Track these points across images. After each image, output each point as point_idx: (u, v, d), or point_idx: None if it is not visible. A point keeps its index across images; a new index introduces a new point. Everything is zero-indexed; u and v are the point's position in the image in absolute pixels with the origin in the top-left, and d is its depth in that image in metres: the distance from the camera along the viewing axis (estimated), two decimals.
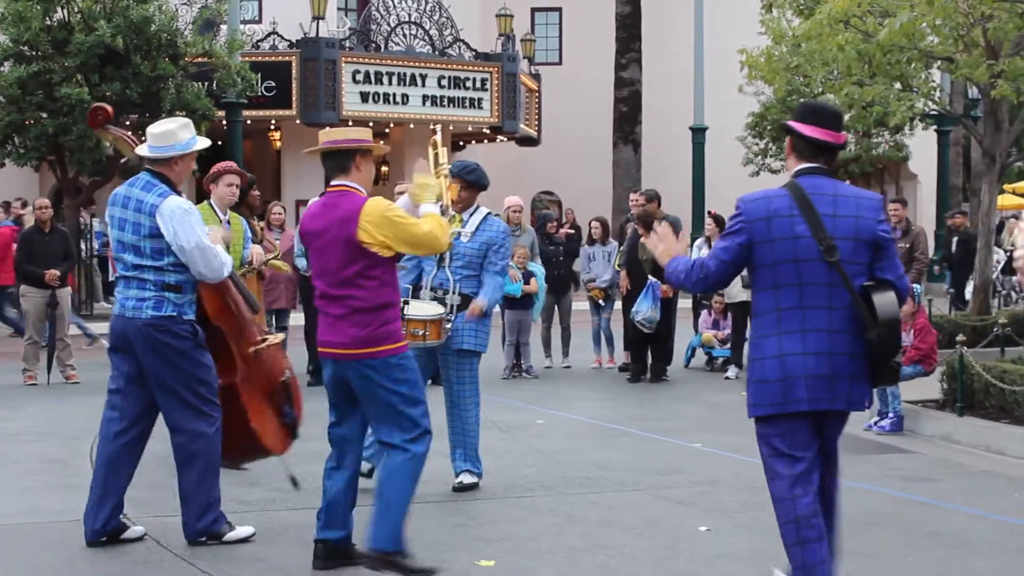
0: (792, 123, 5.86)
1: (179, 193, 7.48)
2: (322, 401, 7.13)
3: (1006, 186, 34.61)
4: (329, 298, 6.72)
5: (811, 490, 6.00)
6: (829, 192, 5.71)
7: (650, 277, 14.99)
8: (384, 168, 31.83)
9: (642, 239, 14.43)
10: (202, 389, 7.45)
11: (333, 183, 6.83)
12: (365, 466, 8.20)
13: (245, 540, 7.54)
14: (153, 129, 7.53)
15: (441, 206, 7.05)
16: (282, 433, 8.00)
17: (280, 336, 7.95)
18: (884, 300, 5.64)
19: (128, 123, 24.28)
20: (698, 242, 17.07)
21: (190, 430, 7.45)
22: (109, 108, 8.14)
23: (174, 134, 7.47)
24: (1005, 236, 28.96)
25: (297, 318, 15.23)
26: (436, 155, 7.42)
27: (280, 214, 16.23)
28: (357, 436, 7.00)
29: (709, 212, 17.36)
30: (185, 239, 7.24)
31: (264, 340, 7.88)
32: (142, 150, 7.58)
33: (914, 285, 12.86)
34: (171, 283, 7.33)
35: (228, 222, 10.46)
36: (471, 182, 9.05)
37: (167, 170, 7.47)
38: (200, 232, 7.31)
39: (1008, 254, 24.30)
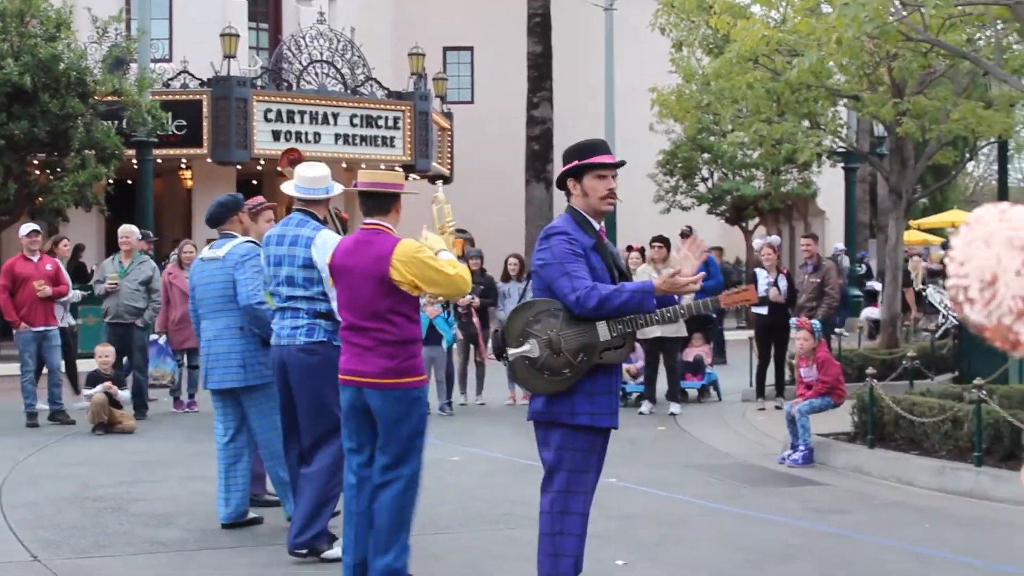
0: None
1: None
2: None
3: (912, 222, 35.20)
4: (357, 329, 6.95)
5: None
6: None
7: None
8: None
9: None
10: (337, 417, 7.71)
11: (369, 221, 7.09)
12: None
13: (338, 560, 7.77)
14: (307, 173, 8.19)
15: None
16: None
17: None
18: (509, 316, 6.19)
19: (36, 162, 24.08)
20: None
21: (320, 451, 7.88)
22: (302, 151, 8.87)
23: (327, 179, 8.19)
24: (913, 275, 29.42)
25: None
26: (440, 211, 7.61)
27: (191, 252, 16.14)
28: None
29: (629, 246, 17.49)
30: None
31: None
32: (288, 189, 8.21)
33: (813, 321, 12.98)
34: (322, 311, 7.83)
35: None
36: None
37: (317, 209, 8.19)
38: None
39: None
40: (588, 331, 6.02)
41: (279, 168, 8.81)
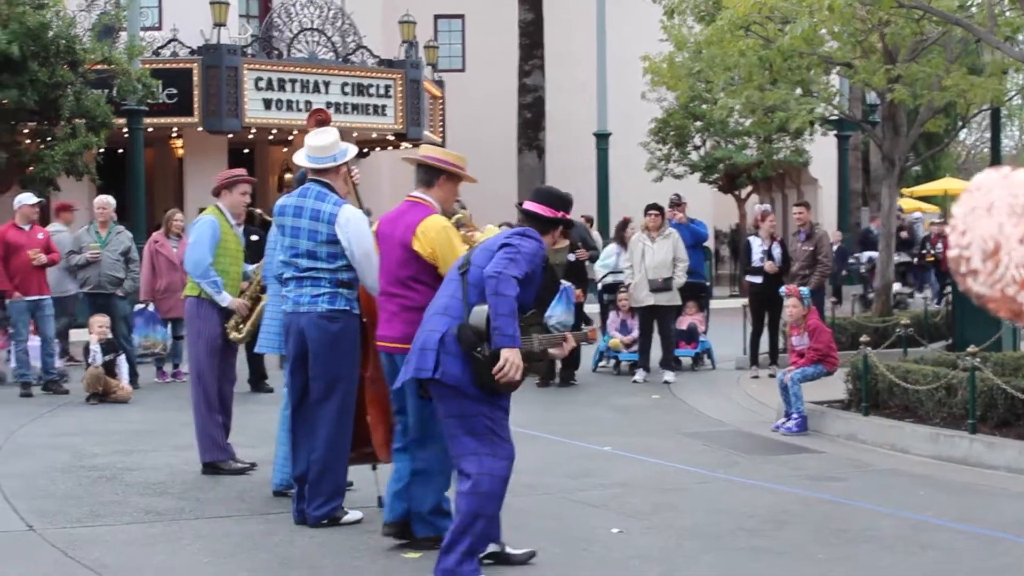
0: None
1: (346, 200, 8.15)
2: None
3: (904, 190, 35.21)
4: (387, 295, 7.32)
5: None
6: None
7: (563, 282, 15.02)
8: (287, 176, 31.56)
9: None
10: (349, 385, 7.95)
11: (413, 194, 7.41)
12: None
13: (358, 521, 8.04)
14: (315, 142, 8.10)
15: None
16: (389, 443, 7.93)
17: None
18: (478, 310, 6.32)
19: (26, 131, 23.98)
20: (610, 248, 17.15)
21: (330, 416, 7.94)
22: (328, 113, 8.92)
23: (336, 145, 8.10)
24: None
25: None
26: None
27: (181, 221, 16.10)
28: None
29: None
30: (358, 247, 7.85)
31: None
32: (300, 159, 8.14)
33: (802, 288, 12.97)
34: (344, 280, 7.94)
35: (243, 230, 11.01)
36: None
37: (331, 178, 8.11)
38: (370, 240, 7.82)
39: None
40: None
41: (307, 128, 8.76)
